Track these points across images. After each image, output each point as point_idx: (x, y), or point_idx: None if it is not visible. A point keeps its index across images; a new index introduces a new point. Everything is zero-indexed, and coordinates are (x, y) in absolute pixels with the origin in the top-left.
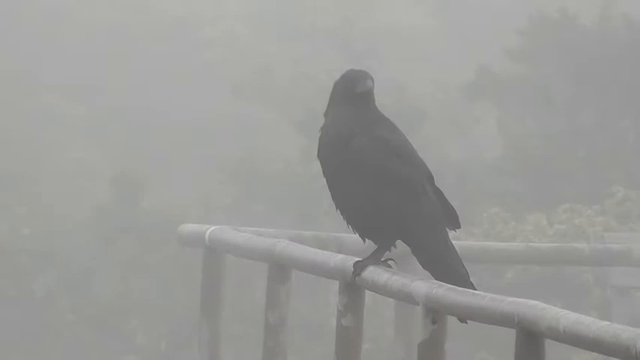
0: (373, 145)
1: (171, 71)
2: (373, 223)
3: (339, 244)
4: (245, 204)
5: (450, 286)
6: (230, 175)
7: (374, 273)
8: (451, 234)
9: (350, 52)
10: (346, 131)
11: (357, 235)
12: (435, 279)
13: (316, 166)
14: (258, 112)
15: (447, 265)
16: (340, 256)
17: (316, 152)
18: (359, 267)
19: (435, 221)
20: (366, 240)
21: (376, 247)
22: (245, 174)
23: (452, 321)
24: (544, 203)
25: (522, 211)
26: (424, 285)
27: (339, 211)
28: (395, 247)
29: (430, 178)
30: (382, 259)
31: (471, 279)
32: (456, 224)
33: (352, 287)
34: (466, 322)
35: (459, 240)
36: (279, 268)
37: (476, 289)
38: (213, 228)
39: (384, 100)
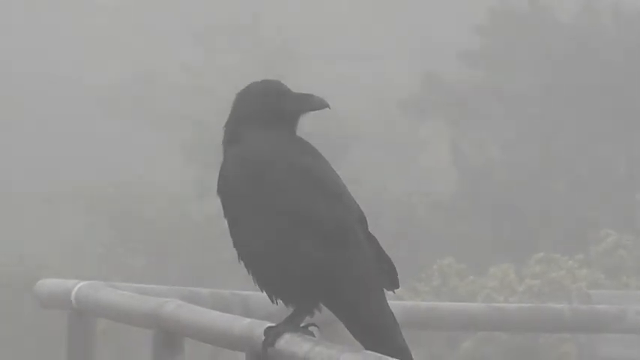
0: (290, 176)
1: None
2: (286, 278)
3: (246, 305)
4: (122, 252)
5: (386, 359)
6: (100, 215)
7: (291, 343)
8: (389, 294)
9: (256, 56)
10: (261, 159)
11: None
12: (367, 349)
13: (214, 204)
14: (134, 130)
15: (382, 334)
16: (247, 320)
17: (215, 186)
18: (272, 335)
19: (367, 278)
20: (279, 301)
21: (292, 309)
22: (121, 214)
23: None
24: (512, 252)
25: (483, 262)
26: (354, 358)
27: (242, 263)
28: (319, 310)
29: (362, 220)
30: (302, 325)
31: (415, 350)
32: (393, 283)
33: None
34: None
35: (402, 299)
36: (168, 336)
37: None
38: (81, 284)
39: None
